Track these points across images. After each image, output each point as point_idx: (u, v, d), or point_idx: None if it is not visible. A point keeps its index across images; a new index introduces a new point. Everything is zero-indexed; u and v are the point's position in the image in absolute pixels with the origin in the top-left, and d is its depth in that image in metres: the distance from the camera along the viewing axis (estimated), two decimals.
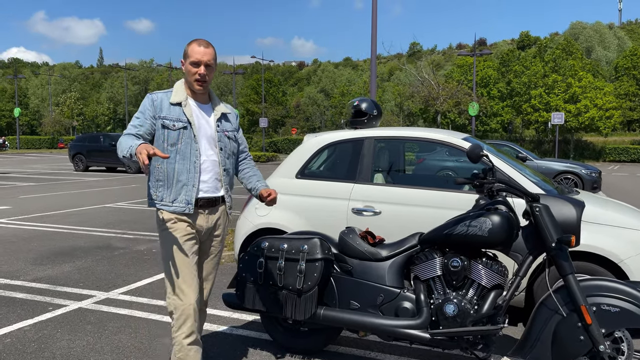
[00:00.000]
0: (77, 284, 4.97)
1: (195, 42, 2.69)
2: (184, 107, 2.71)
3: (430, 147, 13.53)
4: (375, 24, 11.63)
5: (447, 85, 29.96)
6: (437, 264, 2.98)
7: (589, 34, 67.73)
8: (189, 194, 2.70)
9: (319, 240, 3.12)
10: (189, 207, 2.70)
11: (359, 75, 74.91)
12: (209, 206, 2.80)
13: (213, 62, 2.70)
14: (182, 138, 2.68)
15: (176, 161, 2.68)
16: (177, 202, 2.69)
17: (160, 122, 2.68)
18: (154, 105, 2.70)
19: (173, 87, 2.79)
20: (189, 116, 2.70)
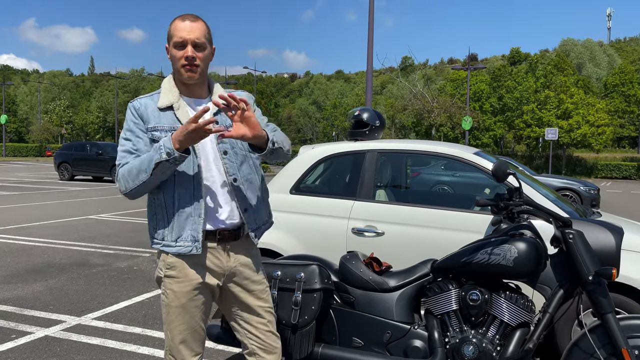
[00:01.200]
0: (47, 306, 4.51)
1: (178, 18, 1.99)
2: (176, 111, 1.99)
3: (425, 161, 13.22)
4: (372, 36, 11.36)
5: (440, 98, 29.82)
6: (453, 297, 2.60)
7: (580, 50, 68.44)
8: (195, 227, 1.97)
9: (317, 267, 2.72)
10: (196, 246, 1.97)
11: (351, 87, 75.02)
12: (231, 239, 2.05)
13: (204, 40, 1.98)
14: None
15: (175, 186, 1.97)
16: (181, 240, 1.98)
17: (148, 136, 1.97)
18: (138, 114, 2.00)
19: (161, 87, 2.09)
20: (184, 121, 1.97)
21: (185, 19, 1.98)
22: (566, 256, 2.50)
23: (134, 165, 1.91)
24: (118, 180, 1.95)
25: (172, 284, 2.02)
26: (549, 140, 27.38)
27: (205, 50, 2.00)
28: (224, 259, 2.06)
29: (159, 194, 1.99)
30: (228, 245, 2.06)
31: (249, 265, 2.13)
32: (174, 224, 1.99)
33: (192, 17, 2.00)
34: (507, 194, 2.60)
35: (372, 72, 11.51)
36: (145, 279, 5.56)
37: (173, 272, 2.01)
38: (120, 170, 1.95)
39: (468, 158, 3.67)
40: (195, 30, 1.96)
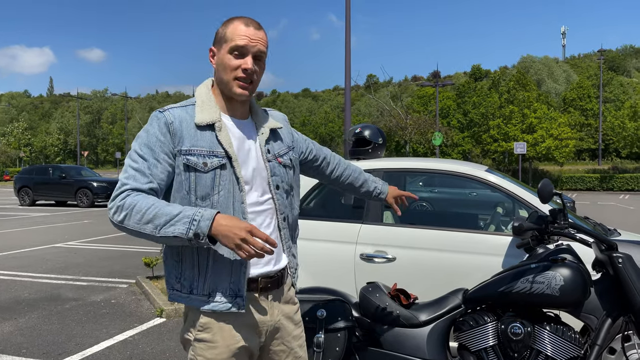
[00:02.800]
0: (20, 350, 4.05)
1: (239, 21, 1.63)
2: (217, 132, 1.60)
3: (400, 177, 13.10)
4: (349, 54, 11.25)
5: (413, 115, 30.16)
6: (491, 331, 2.36)
7: (538, 67, 70.79)
8: (236, 279, 1.58)
9: (340, 303, 2.45)
10: (238, 303, 1.58)
11: (319, 105, 75.38)
12: (273, 287, 1.69)
13: (265, 54, 1.67)
14: (219, 184, 1.58)
15: None
16: (217, 294, 1.57)
17: (182, 160, 1.57)
18: (169, 131, 1.57)
19: (194, 97, 1.69)
20: (226, 146, 1.60)
21: (250, 24, 1.63)
22: (613, 282, 2.31)
23: (148, 211, 1.46)
24: (118, 207, 1.49)
25: (204, 350, 1.59)
26: (517, 154, 27.90)
27: (263, 66, 1.69)
28: (267, 312, 1.68)
29: None
30: (270, 295, 1.69)
31: (292, 318, 1.79)
32: (207, 274, 1.57)
33: (256, 23, 1.66)
34: (550, 217, 2.39)
35: (339, 90, 11.39)
36: (125, 313, 5.13)
37: (207, 334, 1.60)
38: (128, 200, 1.48)
39: (482, 176, 3.47)
40: (260, 41, 1.63)
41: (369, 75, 79.80)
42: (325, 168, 2.08)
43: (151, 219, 1.46)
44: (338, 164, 2.13)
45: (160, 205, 1.48)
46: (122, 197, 1.51)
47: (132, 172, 1.54)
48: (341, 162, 2.15)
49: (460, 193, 10.99)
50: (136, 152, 1.57)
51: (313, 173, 2.09)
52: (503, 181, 3.44)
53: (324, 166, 2.08)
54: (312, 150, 2.02)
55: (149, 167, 1.55)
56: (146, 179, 1.54)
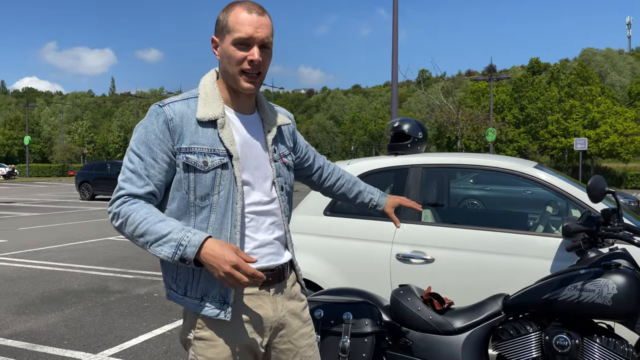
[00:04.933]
0: (61, 341, 4.15)
1: (240, 7, 1.49)
2: (220, 129, 1.51)
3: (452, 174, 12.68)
4: (396, 48, 10.99)
5: (464, 110, 29.28)
6: (534, 342, 2.15)
7: (600, 60, 67.35)
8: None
9: (367, 306, 2.30)
10: (225, 311, 1.49)
11: (369, 101, 74.79)
12: (275, 281, 1.61)
13: (271, 41, 1.54)
14: (220, 184, 1.50)
15: (209, 225, 1.50)
16: (207, 299, 1.50)
17: (182, 159, 1.48)
18: (169, 129, 1.47)
19: (198, 88, 1.57)
20: (228, 144, 1.51)
21: (252, 10, 1.50)
22: None
23: (140, 225, 1.41)
24: (114, 214, 1.45)
25: (205, 349, 1.52)
26: (577, 151, 26.57)
27: (270, 54, 1.55)
28: (270, 307, 1.59)
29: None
30: (272, 289, 1.61)
31: (299, 315, 1.70)
32: (199, 277, 1.51)
33: (258, 7, 1.52)
34: (602, 217, 2.16)
35: (389, 86, 11.13)
36: (166, 307, 5.18)
37: (206, 332, 1.52)
38: (124, 209, 1.43)
39: (530, 173, 3.22)
40: (265, 27, 1.50)
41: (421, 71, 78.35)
42: (317, 177, 1.99)
43: (142, 234, 1.42)
44: (331, 174, 2.02)
45: (152, 221, 1.42)
46: (118, 204, 1.47)
47: (129, 174, 1.48)
48: (335, 171, 2.04)
49: (513, 191, 10.51)
50: (133, 151, 1.49)
51: (304, 180, 2.01)
52: (554, 178, 3.18)
53: (317, 175, 1.99)
54: (309, 157, 1.94)
55: (145, 168, 1.48)
56: (143, 181, 1.47)
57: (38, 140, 74.21)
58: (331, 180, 2.02)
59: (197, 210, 1.51)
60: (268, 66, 1.57)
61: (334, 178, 2.03)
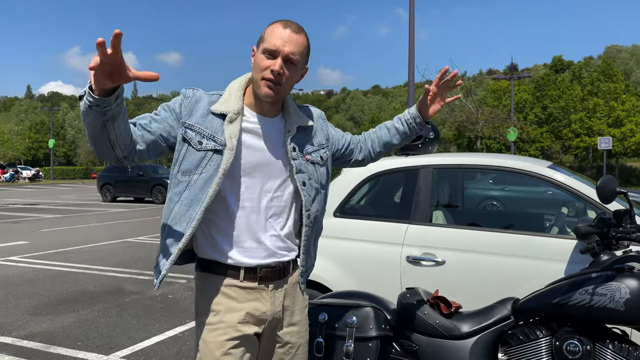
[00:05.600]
0: (75, 342, 4.19)
1: (279, 23, 1.64)
2: (226, 123, 1.63)
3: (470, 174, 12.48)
4: (413, 48, 10.89)
5: (484, 109, 28.86)
6: (544, 347, 2.08)
7: (625, 57, 65.91)
8: (168, 256, 1.64)
9: (372, 309, 2.26)
10: (157, 279, 1.67)
11: (389, 102, 74.48)
12: (274, 278, 1.70)
13: (299, 57, 1.63)
14: (205, 166, 1.62)
15: (180, 200, 1.63)
16: (161, 265, 1.67)
17: (181, 132, 1.63)
18: (184, 103, 1.66)
19: (226, 89, 1.73)
20: (228, 136, 1.62)
21: (287, 26, 1.63)
22: None
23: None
24: None
25: (205, 333, 1.65)
26: (601, 150, 26.01)
27: (296, 69, 1.65)
28: (268, 301, 1.70)
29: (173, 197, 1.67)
30: (271, 285, 1.71)
31: (295, 314, 1.78)
32: (162, 242, 1.67)
33: (295, 26, 1.65)
34: (614, 219, 2.08)
35: (410, 84, 11.02)
36: (179, 309, 5.20)
37: (207, 317, 1.67)
38: None
39: (544, 173, 3.13)
40: (293, 43, 1.62)
41: None
42: (359, 153, 2.00)
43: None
44: (364, 142, 2.00)
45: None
46: None
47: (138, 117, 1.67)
48: (365, 137, 2.01)
49: (534, 192, 10.30)
50: (154, 111, 1.70)
51: (352, 164, 2.02)
52: (569, 179, 3.08)
53: (358, 152, 2.00)
54: (349, 143, 1.96)
55: (156, 117, 1.66)
56: (143, 121, 1.64)
57: (62, 144, 75.71)
58: (367, 147, 1.99)
59: (174, 183, 1.66)
60: (291, 81, 1.66)
61: (368, 143, 2.00)
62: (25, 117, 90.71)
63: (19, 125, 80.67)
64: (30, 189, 31.98)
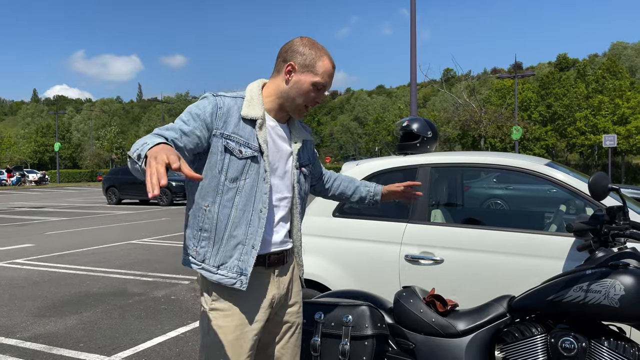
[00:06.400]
0: (77, 344, 4.22)
1: (328, 59, 1.82)
2: (257, 129, 1.78)
3: (474, 173, 12.44)
4: (415, 48, 10.88)
5: (488, 108, 28.75)
6: (539, 344, 2.08)
7: (630, 54, 65.56)
8: (245, 259, 1.75)
9: (368, 308, 2.26)
10: (241, 281, 1.75)
11: (393, 102, 74.40)
12: (279, 263, 1.87)
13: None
14: (247, 172, 1.76)
15: (233, 205, 1.75)
16: (224, 268, 1.75)
17: (222, 142, 1.73)
18: (217, 113, 1.73)
19: (245, 92, 1.83)
20: (261, 141, 1.78)
21: (334, 65, 1.85)
22: None
23: (144, 140, 1.54)
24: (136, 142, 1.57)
25: (218, 319, 1.76)
26: (606, 148, 25.89)
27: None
28: (275, 285, 1.86)
29: (213, 205, 1.75)
30: (277, 270, 1.88)
31: (294, 297, 1.96)
32: (220, 247, 1.76)
33: (334, 62, 1.87)
34: (607, 215, 2.08)
35: (413, 85, 11.00)
36: (182, 309, 5.23)
37: (221, 304, 1.77)
38: (145, 137, 1.58)
39: (541, 171, 3.13)
40: (333, 79, 1.86)
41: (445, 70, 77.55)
42: (322, 184, 2.24)
43: (134, 147, 1.53)
44: (329, 177, 2.26)
45: (147, 139, 1.54)
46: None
47: (169, 130, 1.65)
48: (332, 174, 2.28)
49: (539, 190, 10.26)
50: (182, 119, 1.72)
51: (312, 189, 2.24)
52: (566, 176, 3.08)
53: (321, 182, 2.23)
54: (319, 171, 2.19)
55: (188, 129, 1.68)
56: (176, 135, 1.66)
57: (68, 147, 76.13)
58: (330, 182, 2.25)
59: (224, 190, 1.75)
60: None
61: (332, 180, 2.26)
62: (32, 121, 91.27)
63: (25, 129, 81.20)
64: (36, 192, 32.17)
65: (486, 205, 11.27)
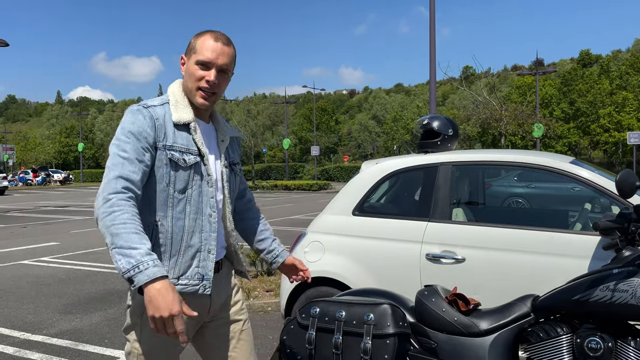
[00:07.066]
0: (102, 340, 4.30)
1: (210, 35, 1.74)
2: (193, 132, 1.74)
3: (494, 172, 12.29)
4: (434, 47, 10.80)
5: (508, 106, 28.37)
6: (565, 344, 2.06)
7: None
8: (204, 264, 1.75)
9: (389, 307, 2.26)
10: (204, 286, 1.75)
11: (411, 100, 74.00)
12: (216, 271, 1.86)
13: (231, 68, 1.78)
14: (193, 179, 1.73)
15: (186, 215, 1.72)
16: (185, 278, 1.72)
17: (166, 155, 1.68)
18: (155, 126, 1.67)
19: (167, 95, 1.78)
20: (200, 145, 1.75)
21: (219, 39, 1.74)
22: None
23: (118, 225, 1.50)
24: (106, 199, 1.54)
25: (151, 332, 1.67)
26: (631, 145, 25.36)
27: (228, 77, 1.79)
28: (214, 290, 1.84)
29: (165, 219, 1.70)
30: (217, 276, 1.87)
31: (232, 295, 1.98)
32: (178, 259, 1.72)
33: (224, 38, 1.77)
34: (634, 213, 2.04)
35: (432, 83, 10.93)
36: None
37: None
38: (115, 200, 1.53)
39: (565, 169, 3.09)
40: (226, 56, 1.74)
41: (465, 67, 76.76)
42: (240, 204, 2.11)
43: (114, 234, 1.50)
44: (249, 209, 2.12)
45: (130, 229, 1.51)
46: (114, 192, 1.56)
47: (121, 165, 1.60)
48: (251, 206, 2.13)
49: (561, 188, 10.10)
50: (124, 142, 1.63)
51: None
52: (592, 174, 3.04)
53: (240, 202, 2.10)
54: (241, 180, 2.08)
55: (137, 157, 1.63)
56: (132, 168, 1.61)
57: (91, 147, 77.40)
58: (246, 213, 2.10)
59: (175, 202, 1.71)
60: (224, 88, 1.80)
61: (251, 215, 2.11)
62: (56, 122, 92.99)
63: (50, 130, 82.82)
64: (60, 192, 32.81)
65: (507, 204, 11.14)
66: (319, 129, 61.97)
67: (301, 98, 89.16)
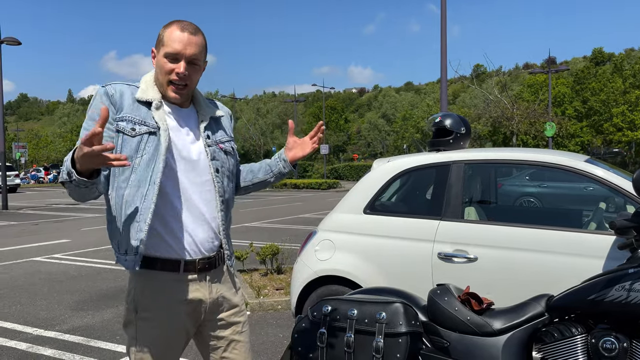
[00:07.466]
0: (114, 337, 4.33)
1: (176, 25, 1.71)
2: (154, 109, 1.72)
3: (506, 171, 12.20)
4: (445, 45, 10.74)
5: (520, 104, 28.14)
6: (580, 345, 2.03)
7: None
8: (137, 236, 1.67)
9: (402, 305, 2.25)
10: (134, 260, 1.68)
11: (421, 99, 73.73)
12: (210, 268, 1.81)
13: (201, 57, 1.75)
14: (144, 149, 1.69)
15: (128, 185, 1.68)
16: (131, 253, 1.69)
17: (113, 126, 1.68)
18: (111, 102, 1.69)
19: (140, 81, 1.79)
20: (158, 119, 1.71)
21: (185, 29, 1.71)
22: None
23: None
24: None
25: (146, 330, 1.71)
26: None
27: (199, 68, 1.77)
28: (206, 292, 1.80)
29: (112, 189, 1.72)
30: (208, 276, 1.81)
31: (230, 302, 1.90)
32: (122, 232, 1.70)
33: (192, 27, 1.73)
34: None
35: (443, 81, 10.87)
36: None
37: (148, 314, 1.72)
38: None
39: (580, 167, 3.05)
40: (194, 46, 1.71)
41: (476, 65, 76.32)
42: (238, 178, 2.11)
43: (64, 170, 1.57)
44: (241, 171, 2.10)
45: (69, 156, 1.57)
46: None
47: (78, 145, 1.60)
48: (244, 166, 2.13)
49: (574, 188, 10.02)
50: (84, 128, 1.69)
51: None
52: (607, 173, 3.00)
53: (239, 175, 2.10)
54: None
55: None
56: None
57: None
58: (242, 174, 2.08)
59: (119, 172, 1.69)
60: (196, 80, 1.78)
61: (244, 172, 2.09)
62: (68, 120, 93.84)
63: (61, 128, 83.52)
64: None
65: (519, 203, 11.06)
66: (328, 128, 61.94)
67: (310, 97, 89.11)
